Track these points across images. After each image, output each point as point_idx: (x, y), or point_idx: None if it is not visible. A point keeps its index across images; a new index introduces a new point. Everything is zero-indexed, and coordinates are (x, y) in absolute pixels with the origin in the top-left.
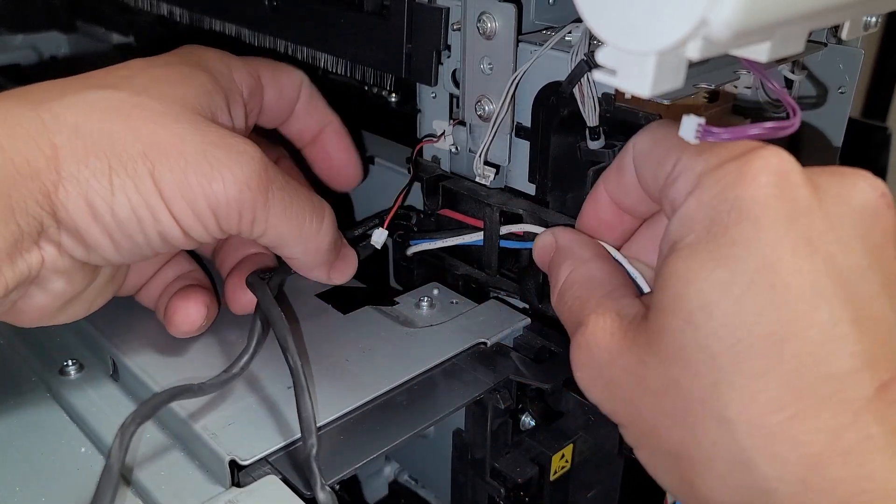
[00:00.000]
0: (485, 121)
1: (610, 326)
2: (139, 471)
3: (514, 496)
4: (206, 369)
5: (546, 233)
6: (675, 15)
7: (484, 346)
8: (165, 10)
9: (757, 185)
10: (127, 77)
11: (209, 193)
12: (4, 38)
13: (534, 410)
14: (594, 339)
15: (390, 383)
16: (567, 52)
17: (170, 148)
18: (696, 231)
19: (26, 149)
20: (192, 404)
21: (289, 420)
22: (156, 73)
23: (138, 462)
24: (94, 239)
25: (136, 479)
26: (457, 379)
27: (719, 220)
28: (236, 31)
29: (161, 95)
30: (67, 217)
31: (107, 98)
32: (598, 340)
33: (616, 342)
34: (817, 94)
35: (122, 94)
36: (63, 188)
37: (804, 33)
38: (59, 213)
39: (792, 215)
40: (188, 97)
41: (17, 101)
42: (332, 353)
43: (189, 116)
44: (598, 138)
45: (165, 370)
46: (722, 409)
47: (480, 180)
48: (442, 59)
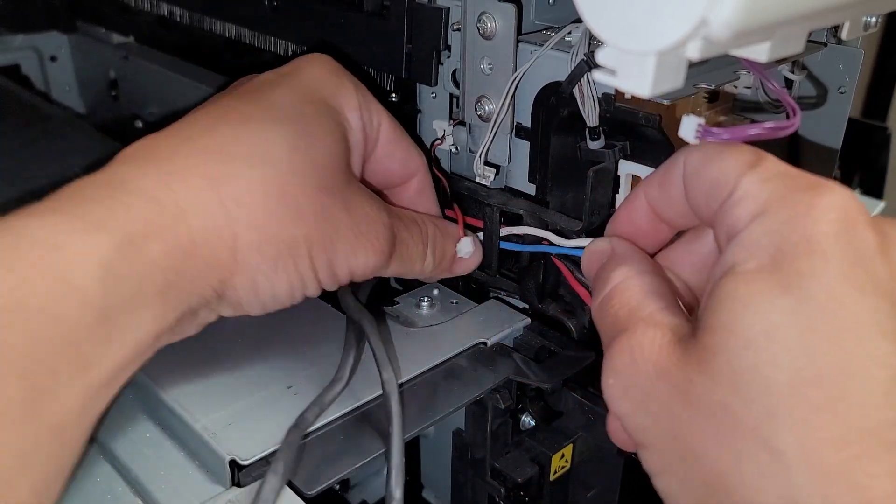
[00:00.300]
0: (485, 121)
1: (660, 339)
2: (139, 471)
3: (514, 496)
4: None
5: (601, 239)
6: (675, 15)
7: (484, 346)
8: (165, 10)
9: (828, 220)
10: (275, 141)
11: (353, 264)
12: (4, 38)
13: (534, 410)
14: (640, 347)
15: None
16: (567, 53)
17: (325, 228)
18: (759, 257)
19: (214, 240)
20: (191, 404)
21: (289, 420)
22: (297, 137)
23: (138, 461)
24: (250, 307)
25: (136, 479)
26: (457, 379)
27: (787, 250)
28: (236, 31)
29: (311, 166)
30: (234, 295)
31: (269, 180)
32: (645, 350)
33: (665, 356)
34: (817, 94)
35: (281, 171)
36: (238, 275)
37: (804, 33)
38: (228, 292)
39: (859, 256)
40: (329, 161)
41: (190, 172)
42: (333, 353)
43: (335, 185)
44: (598, 138)
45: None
46: (775, 439)
47: (480, 180)
48: (442, 60)
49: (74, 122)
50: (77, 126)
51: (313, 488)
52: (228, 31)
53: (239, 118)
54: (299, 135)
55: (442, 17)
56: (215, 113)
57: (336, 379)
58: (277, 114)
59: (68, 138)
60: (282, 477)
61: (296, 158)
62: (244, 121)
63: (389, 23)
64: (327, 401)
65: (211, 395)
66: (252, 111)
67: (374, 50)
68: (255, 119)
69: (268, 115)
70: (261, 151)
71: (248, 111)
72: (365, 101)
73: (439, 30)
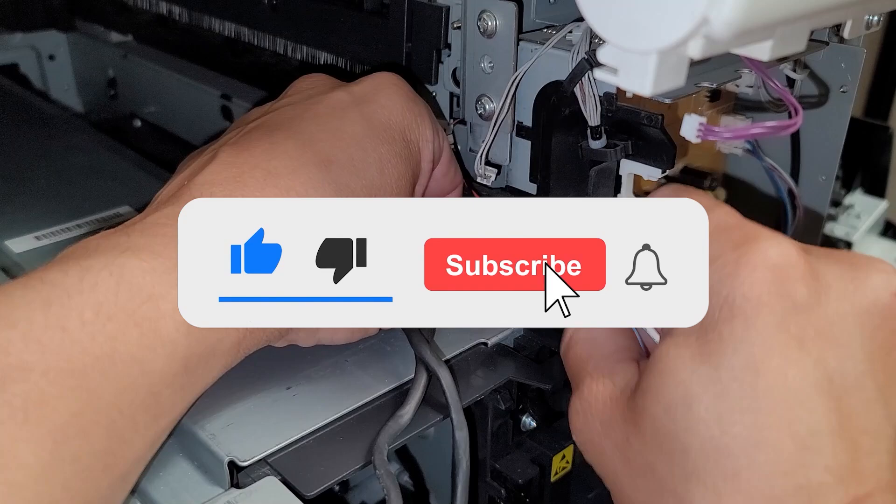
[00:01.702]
0: (485, 120)
1: (603, 394)
2: None
3: (515, 497)
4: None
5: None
6: (676, 14)
7: (484, 347)
8: (165, 9)
9: (751, 281)
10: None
11: None
12: (4, 37)
13: (534, 411)
14: (587, 405)
15: (390, 384)
16: (568, 51)
17: None
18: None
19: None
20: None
21: (288, 421)
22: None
23: None
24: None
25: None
26: (457, 379)
27: (711, 315)
28: (235, 30)
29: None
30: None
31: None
32: (592, 407)
33: (608, 412)
34: (819, 93)
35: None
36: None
37: (806, 32)
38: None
39: (786, 315)
40: (399, 190)
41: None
42: (333, 353)
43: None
44: (599, 138)
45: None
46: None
47: (481, 180)
48: (442, 58)
49: (73, 121)
50: (75, 125)
51: (313, 489)
52: (228, 31)
53: (320, 159)
54: (376, 184)
55: (442, 15)
56: (294, 143)
57: (400, 414)
58: (358, 157)
59: (67, 137)
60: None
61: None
62: (327, 164)
63: (389, 22)
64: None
65: (210, 396)
66: (333, 150)
67: (374, 49)
68: (336, 161)
69: (349, 158)
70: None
71: (329, 150)
72: (435, 127)
73: (439, 28)
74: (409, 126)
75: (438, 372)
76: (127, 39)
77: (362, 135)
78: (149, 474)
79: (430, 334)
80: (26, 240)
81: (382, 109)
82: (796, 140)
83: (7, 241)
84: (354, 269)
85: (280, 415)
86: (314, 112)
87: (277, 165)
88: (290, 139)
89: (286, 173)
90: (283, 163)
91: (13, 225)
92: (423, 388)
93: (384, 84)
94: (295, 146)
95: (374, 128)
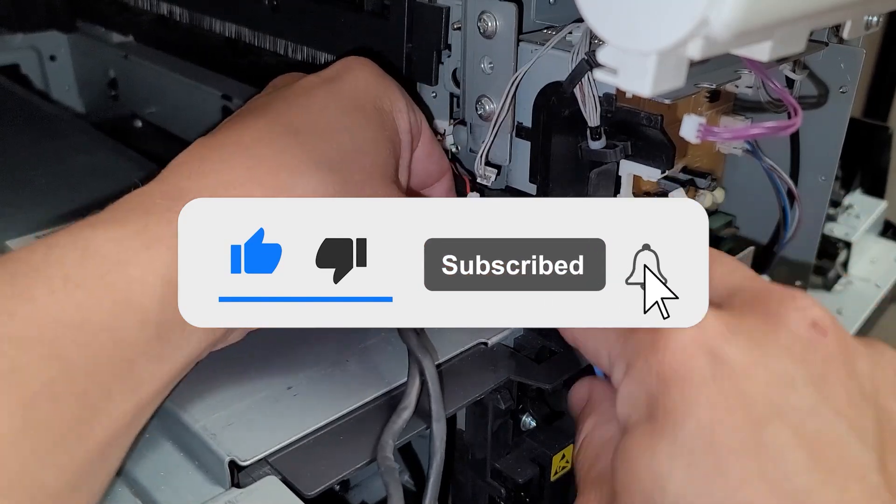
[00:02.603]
0: (485, 120)
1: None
2: (138, 471)
3: (515, 496)
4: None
5: (583, 381)
6: (676, 14)
7: (484, 346)
8: (165, 9)
9: (673, 349)
10: (326, 153)
11: None
12: (4, 37)
13: (534, 411)
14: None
15: (390, 384)
16: (568, 52)
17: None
18: (638, 409)
19: None
20: (191, 405)
21: (289, 420)
22: (346, 150)
23: (137, 462)
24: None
25: (136, 479)
26: (457, 379)
27: (652, 394)
28: (236, 30)
29: (363, 175)
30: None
31: (323, 190)
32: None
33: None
34: (818, 93)
35: (334, 181)
36: None
37: (805, 32)
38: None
39: (717, 372)
40: (377, 171)
41: (248, 182)
42: (333, 353)
43: (384, 195)
44: (599, 138)
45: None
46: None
47: (481, 181)
48: (442, 59)
49: (74, 121)
50: (76, 125)
51: (313, 489)
52: (228, 31)
53: (289, 129)
54: (347, 148)
55: (442, 16)
56: (264, 120)
57: (402, 407)
58: (327, 124)
59: (68, 138)
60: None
61: (349, 168)
62: (295, 132)
63: (389, 22)
64: (398, 428)
65: (210, 395)
66: (301, 122)
67: (374, 49)
68: (305, 130)
69: (318, 126)
70: (313, 163)
71: (298, 122)
72: (410, 102)
73: (440, 29)
74: (378, 96)
75: (422, 361)
76: (128, 40)
77: (331, 106)
78: (149, 474)
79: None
80: (27, 240)
81: (351, 83)
82: (796, 140)
83: (7, 241)
84: (354, 269)
85: (281, 414)
86: (283, 95)
87: (246, 137)
88: (260, 118)
89: (256, 144)
90: (252, 134)
91: (13, 225)
92: (419, 382)
93: (352, 64)
94: (265, 122)
95: (343, 99)
